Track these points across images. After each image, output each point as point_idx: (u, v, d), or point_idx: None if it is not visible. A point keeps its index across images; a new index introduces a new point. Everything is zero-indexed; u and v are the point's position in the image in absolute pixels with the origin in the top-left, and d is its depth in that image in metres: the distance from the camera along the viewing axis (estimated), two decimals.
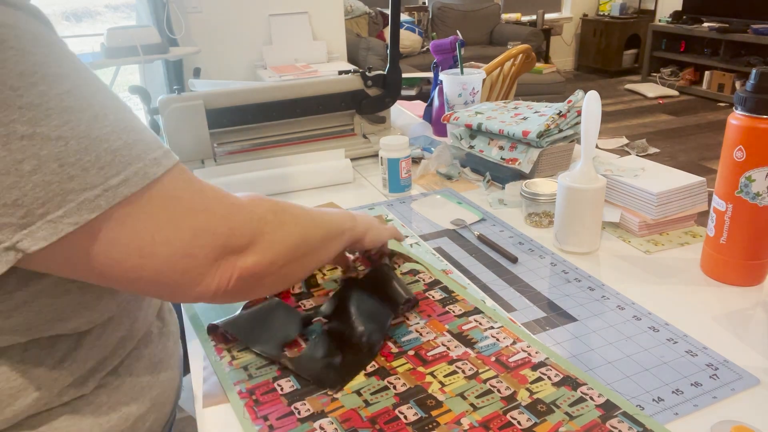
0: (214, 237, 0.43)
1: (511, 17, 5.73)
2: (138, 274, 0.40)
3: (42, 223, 0.35)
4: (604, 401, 0.52)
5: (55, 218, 0.36)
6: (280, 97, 1.14)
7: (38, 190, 0.35)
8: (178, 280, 0.42)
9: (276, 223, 0.49)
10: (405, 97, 1.95)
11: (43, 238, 0.36)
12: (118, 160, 0.38)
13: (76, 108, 0.37)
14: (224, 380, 0.58)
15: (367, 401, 0.54)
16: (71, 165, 0.36)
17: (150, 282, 0.41)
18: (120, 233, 0.39)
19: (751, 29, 4.67)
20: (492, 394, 0.54)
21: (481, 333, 0.62)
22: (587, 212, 0.77)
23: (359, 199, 1.03)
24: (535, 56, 2.28)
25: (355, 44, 4.18)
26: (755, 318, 0.64)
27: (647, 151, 3.72)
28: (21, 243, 0.35)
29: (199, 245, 0.42)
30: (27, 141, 0.34)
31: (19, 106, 0.34)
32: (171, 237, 0.41)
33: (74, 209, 0.36)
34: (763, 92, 0.62)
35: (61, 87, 0.37)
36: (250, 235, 0.46)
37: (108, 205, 0.37)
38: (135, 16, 3.22)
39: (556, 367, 0.57)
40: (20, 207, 0.35)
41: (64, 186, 0.36)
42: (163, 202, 0.41)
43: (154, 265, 0.40)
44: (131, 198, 0.38)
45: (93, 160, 0.37)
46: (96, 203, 0.37)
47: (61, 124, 0.36)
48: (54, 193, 0.35)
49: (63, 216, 0.36)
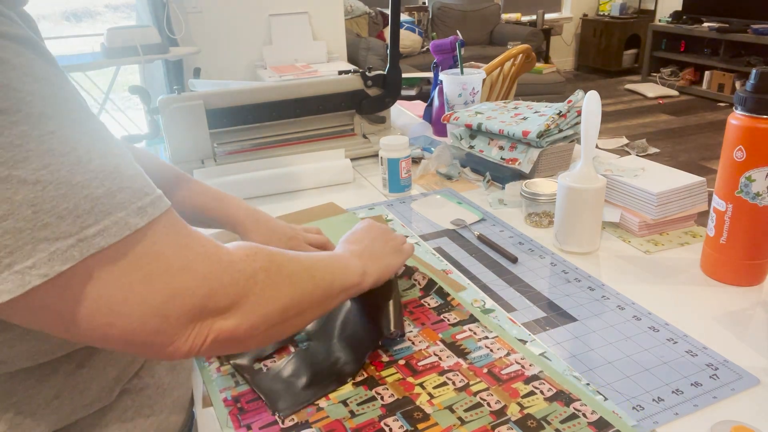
0: (192, 298, 0.40)
1: (511, 17, 5.73)
2: (105, 332, 0.37)
3: (8, 274, 0.33)
4: (597, 419, 0.51)
5: (22, 269, 0.33)
6: (280, 97, 1.14)
7: (7, 237, 0.32)
8: (148, 340, 0.39)
9: (266, 284, 0.45)
10: (405, 97, 1.95)
11: (7, 290, 0.33)
12: (98, 209, 0.35)
13: (58, 151, 0.34)
14: (210, 386, 0.58)
15: (353, 412, 0.53)
16: (46, 212, 0.33)
17: (119, 341, 0.38)
18: (91, 288, 0.36)
19: (751, 29, 4.67)
20: (481, 407, 0.53)
21: (475, 343, 0.61)
22: (587, 212, 0.77)
23: (359, 199, 1.03)
24: (535, 56, 2.28)
25: (355, 44, 4.18)
26: (755, 318, 0.64)
27: (647, 151, 3.72)
28: None
29: (175, 306, 0.39)
30: (1, 184, 0.32)
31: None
32: (145, 297, 0.38)
33: (45, 260, 0.33)
34: (763, 92, 0.62)
35: (45, 128, 0.34)
36: (234, 297, 0.42)
37: (81, 257, 0.34)
38: (135, 16, 3.22)
39: (549, 381, 0.55)
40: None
41: (36, 234, 0.33)
42: (141, 258, 0.37)
43: (124, 325, 0.37)
44: (107, 251, 0.36)
45: (71, 207, 0.34)
46: (69, 254, 0.34)
47: (39, 168, 0.33)
48: (24, 241, 0.33)
49: (32, 267, 0.33)
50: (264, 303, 0.44)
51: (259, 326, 0.44)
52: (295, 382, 0.57)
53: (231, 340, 0.43)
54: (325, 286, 0.52)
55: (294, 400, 0.55)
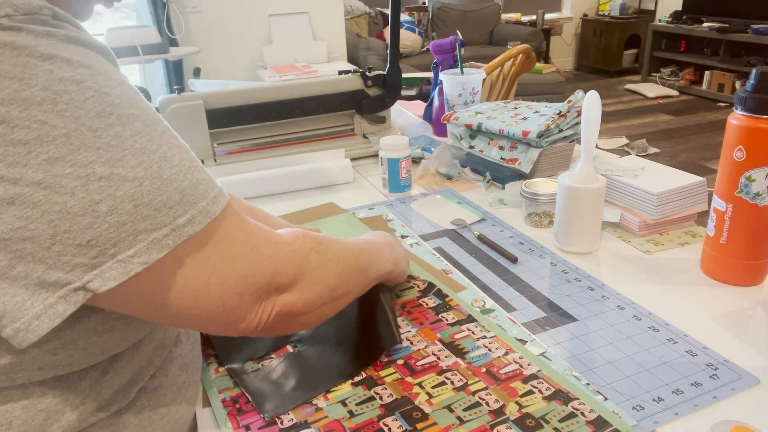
0: (261, 277, 0.44)
1: (511, 17, 5.73)
2: (191, 313, 0.41)
3: (113, 263, 0.36)
4: (595, 417, 0.51)
5: (125, 258, 0.36)
6: (280, 97, 1.14)
7: (112, 231, 0.35)
8: (226, 318, 0.43)
9: (318, 264, 0.49)
10: (405, 97, 1.95)
11: (112, 278, 0.36)
12: (186, 200, 0.39)
13: (148, 148, 0.38)
14: (209, 387, 0.58)
15: (352, 412, 0.53)
16: (145, 205, 0.36)
17: (200, 320, 0.42)
18: (180, 273, 0.39)
19: (751, 29, 4.67)
20: (480, 407, 0.53)
21: (473, 342, 0.61)
22: (587, 212, 0.77)
23: (359, 199, 1.03)
24: (535, 56, 2.28)
25: (355, 44, 4.18)
26: (755, 318, 0.64)
27: (647, 151, 3.72)
28: (91, 283, 0.36)
29: (248, 284, 0.43)
30: (105, 182, 0.35)
31: (97, 147, 0.35)
32: (224, 278, 0.41)
33: (144, 249, 0.37)
34: (763, 92, 0.62)
35: (134, 127, 0.38)
36: (293, 275, 0.46)
37: (175, 244, 0.38)
38: (135, 16, 3.22)
39: (547, 380, 0.55)
40: (93, 247, 0.35)
41: (136, 226, 0.36)
42: (220, 243, 0.41)
43: (207, 305, 0.41)
44: (194, 238, 0.39)
45: (164, 200, 0.37)
46: (164, 242, 0.37)
47: (135, 165, 0.36)
48: (126, 233, 0.36)
49: (133, 255, 0.36)
50: (318, 280, 0.49)
51: (314, 302, 0.49)
52: (283, 384, 0.57)
53: (290, 314, 0.47)
54: (365, 269, 0.57)
55: (280, 401, 0.55)
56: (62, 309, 0.35)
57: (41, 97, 0.34)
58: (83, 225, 0.35)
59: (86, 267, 0.35)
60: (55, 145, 0.34)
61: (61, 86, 0.35)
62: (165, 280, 0.39)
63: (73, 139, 0.34)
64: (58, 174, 0.34)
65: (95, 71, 0.37)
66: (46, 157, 0.34)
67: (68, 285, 0.35)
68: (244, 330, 0.45)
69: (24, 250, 0.34)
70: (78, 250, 0.35)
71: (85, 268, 0.35)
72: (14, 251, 0.34)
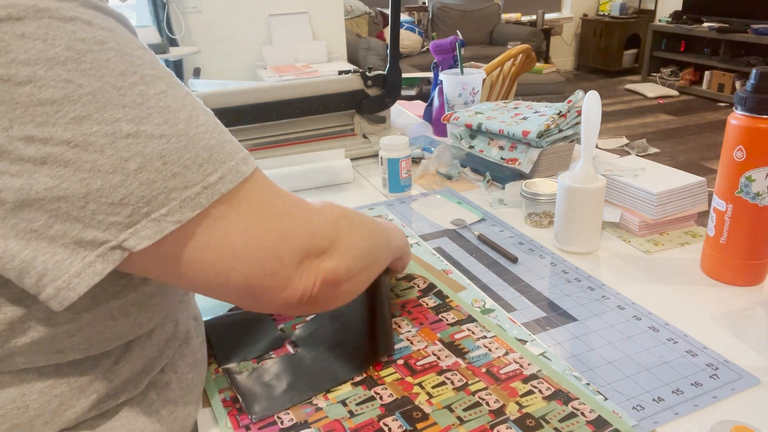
0: (299, 239, 0.43)
1: (511, 17, 5.73)
2: (227, 278, 0.40)
3: (147, 222, 0.36)
4: (595, 417, 0.50)
5: (159, 216, 0.36)
6: (280, 97, 1.14)
7: (143, 189, 0.35)
8: (266, 284, 0.42)
9: (349, 228, 0.49)
10: (405, 97, 1.95)
11: (147, 236, 0.36)
12: (215, 158, 0.38)
13: (173, 107, 0.38)
14: (209, 387, 0.58)
15: (352, 412, 0.53)
16: (174, 162, 0.36)
17: (238, 287, 0.41)
18: (214, 233, 0.39)
19: (751, 29, 4.67)
20: (480, 407, 0.53)
21: (474, 342, 0.61)
22: (587, 212, 0.77)
23: (359, 199, 1.03)
24: (535, 56, 2.28)
25: (355, 44, 4.18)
26: (755, 318, 0.64)
27: (647, 151, 3.73)
28: (127, 242, 0.36)
29: (286, 247, 0.42)
30: (132, 139, 0.35)
31: (123, 105, 0.35)
32: (261, 238, 0.41)
33: (177, 207, 0.36)
34: (763, 92, 0.62)
35: (158, 87, 0.38)
36: (330, 239, 0.46)
37: (208, 203, 0.38)
38: (135, 16, 3.22)
39: (547, 380, 0.55)
40: (126, 206, 0.35)
41: (167, 184, 0.36)
42: (253, 203, 0.41)
43: (245, 268, 0.40)
44: (227, 196, 0.39)
45: (192, 157, 0.37)
46: (197, 201, 0.37)
47: (161, 123, 0.36)
48: (158, 191, 0.36)
49: (167, 214, 0.36)
50: (352, 244, 0.48)
51: (353, 268, 0.48)
52: (275, 385, 0.57)
53: (334, 281, 0.46)
54: (385, 239, 0.57)
55: (269, 404, 0.54)
56: (100, 267, 0.36)
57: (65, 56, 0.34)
58: (114, 183, 0.35)
59: (121, 226, 0.35)
60: (82, 103, 0.34)
61: (84, 46, 0.35)
62: (201, 240, 0.38)
63: (99, 97, 0.35)
64: (86, 132, 0.34)
65: (116, 33, 0.37)
66: (74, 116, 0.34)
67: (105, 244, 0.35)
68: (288, 300, 0.44)
69: (59, 209, 0.34)
70: (111, 208, 0.35)
71: (120, 227, 0.35)
72: (50, 210, 0.34)
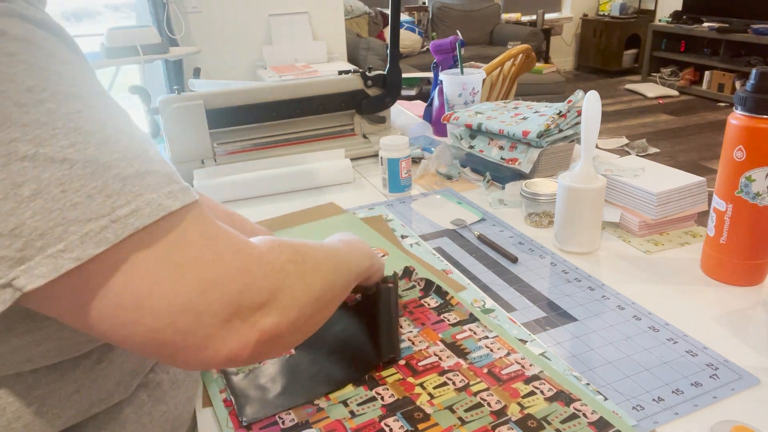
0: (226, 293, 0.36)
1: (511, 17, 5.73)
2: (130, 330, 0.34)
3: (41, 258, 0.31)
4: (597, 418, 0.50)
5: (55, 252, 0.31)
6: (280, 97, 1.14)
7: (37, 219, 0.31)
8: (179, 342, 0.35)
9: (296, 276, 0.42)
10: (405, 97, 1.95)
11: (41, 275, 0.31)
12: (128, 189, 0.33)
13: (85, 130, 0.33)
14: (210, 387, 0.58)
15: (354, 412, 0.53)
16: (75, 191, 0.32)
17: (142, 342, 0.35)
18: (116, 277, 0.33)
19: (751, 29, 4.67)
20: (482, 407, 0.52)
21: (475, 343, 0.61)
22: (587, 212, 0.77)
23: (359, 199, 1.03)
24: (535, 56, 2.28)
25: (355, 44, 4.18)
26: (755, 318, 0.64)
27: (647, 151, 3.72)
28: (17, 280, 0.31)
29: (208, 302, 0.35)
30: (28, 162, 0.31)
31: (23, 124, 0.31)
32: (174, 290, 0.34)
33: (77, 242, 0.32)
34: (763, 92, 0.62)
35: (72, 106, 0.33)
36: (270, 290, 0.39)
37: (117, 239, 0.32)
38: (135, 16, 3.22)
39: (549, 381, 0.55)
40: (18, 238, 0.31)
41: (65, 215, 0.31)
42: (172, 247, 0.35)
43: (150, 322, 0.34)
44: (142, 233, 0.33)
45: (99, 186, 0.32)
46: (102, 236, 0.32)
47: (67, 146, 0.32)
48: (55, 222, 0.31)
49: (64, 250, 0.31)
50: (299, 295, 0.42)
51: (298, 320, 0.41)
52: (269, 389, 0.56)
53: (275, 339, 0.39)
54: (346, 272, 0.51)
55: (261, 407, 0.54)
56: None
57: None
58: (4, 210, 0.30)
59: (12, 261, 0.31)
60: None
61: None
62: (100, 283, 0.33)
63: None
64: None
65: (34, 46, 0.33)
66: None
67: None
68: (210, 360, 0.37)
69: None
70: (1, 240, 0.31)
71: (10, 263, 0.31)
72: None
